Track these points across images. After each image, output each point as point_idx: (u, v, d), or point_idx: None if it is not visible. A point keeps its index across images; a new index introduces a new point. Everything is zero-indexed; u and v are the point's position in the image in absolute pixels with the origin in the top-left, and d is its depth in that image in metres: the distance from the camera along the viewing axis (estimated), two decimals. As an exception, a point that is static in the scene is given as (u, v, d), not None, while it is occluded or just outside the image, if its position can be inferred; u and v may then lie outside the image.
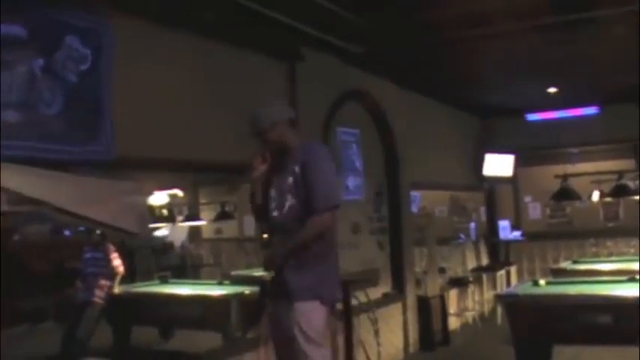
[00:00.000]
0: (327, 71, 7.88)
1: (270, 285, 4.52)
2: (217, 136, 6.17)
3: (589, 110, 12.56)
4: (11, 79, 4.65)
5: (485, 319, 11.74)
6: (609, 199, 12.17)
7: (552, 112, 12.87)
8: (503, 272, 12.53)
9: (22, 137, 4.67)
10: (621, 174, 10.83)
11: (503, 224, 13.41)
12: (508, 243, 13.49)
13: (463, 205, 13.01)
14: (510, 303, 6.87)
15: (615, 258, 11.20)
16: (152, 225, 11.00)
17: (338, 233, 7.91)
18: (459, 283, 11.57)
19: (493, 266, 12.86)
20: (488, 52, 8.81)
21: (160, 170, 5.62)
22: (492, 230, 13.73)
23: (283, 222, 4.47)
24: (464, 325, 11.44)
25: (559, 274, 9.16)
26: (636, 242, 11.67)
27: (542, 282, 7.58)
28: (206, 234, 13.79)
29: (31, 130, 4.73)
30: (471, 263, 12.70)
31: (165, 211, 12.52)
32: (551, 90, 11.25)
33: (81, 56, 5.11)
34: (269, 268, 4.52)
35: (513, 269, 13.14)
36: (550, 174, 12.33)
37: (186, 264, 13.34)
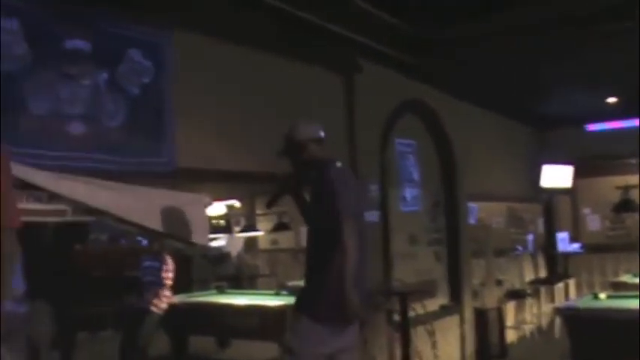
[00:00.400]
0: (385, 82, 7.88)
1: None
2: (274, 146, 6.20)
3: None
4: (76, 93, 4.76)
5: (542, 333, 11.56)
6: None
7: (612, 122, 12.67)
8: (561, 285, 12.32)
9: (86, 149, 4.79)
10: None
11: (561, 236, 13.22)
12: (567, 255, 13.28)
13: (520, 217, 12.86)
14: (570, 316, 6.78)
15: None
16: (210, 235, 11.10)
17: (396, 244, 8.02)
18: (517, 296, 11.42)
19: (551, 279, 12.67)
20: (545, 63, 8.71)
21: (219, 181, 5.66)
22: (550, 242, 13.52)
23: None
24: (521, 339, 11.28)
25: (619, 288, 8.99)
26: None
27: (602, 295, 7.46)
28: (262, 244, 13.88)
29: (95, 142, 4.85)
30: (529, 275, 12.53)
31: (222, 222, 12.63)
32: (610, 100, 11.09)
33: (143, 69, 5.22)
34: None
35: (572, 282, 12.90)
36: (609, 185, 12.12)
37: (242, 274, 13.42)
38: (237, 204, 12.74)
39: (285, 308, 7.55)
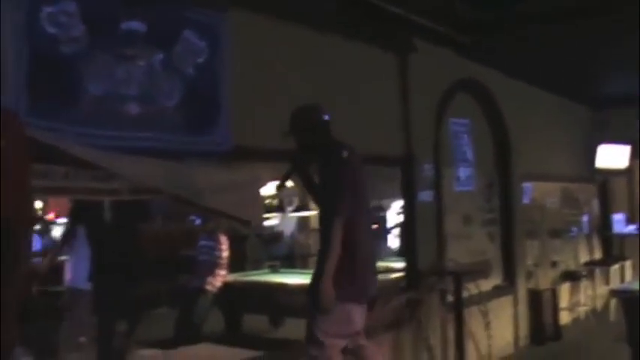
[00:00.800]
0: (439, 62, 7.83)
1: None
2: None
3: None
4: (132, 73, 4.80)
5: (597, 315, 11.44)
6: None
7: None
8: (617, 267, 12.18)
9: (142, 129, 4.83)
10: None
11: (617, 217, 13.02)
12: (623, 237, 13.07)
13: (575, 197, 12.68)
14: (627, 299, 6.69)
15: None
16: (264, 215, 11.17)
17: (450, 224, 7.99)
18: (571, 277, 11.32)
19: (607, 260, 12.52)
20: (605, 42, 8.54)
21: (273, 161, 5.68)
22: (606, 223, 13.34)
23: None
24: (575, 320, 11.19)
25: (677, 270, 8.87)
26: None
27: (660, 277, 7.35)
28: (314, 224, 13.89)
29: (151, 122, 4.88)
30: (584, 257, 12.38)
31: (275, 202, 12.69)
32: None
33: (198, 49, 5.24)
34: None
35: (628, 264, 12.71)
36: (668, 165, 11.90)
37: (294, 253, 13.49)
38: (290, 183, 12.78)
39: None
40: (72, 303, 7.64)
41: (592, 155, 12.68)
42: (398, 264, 8.61)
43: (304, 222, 14.06)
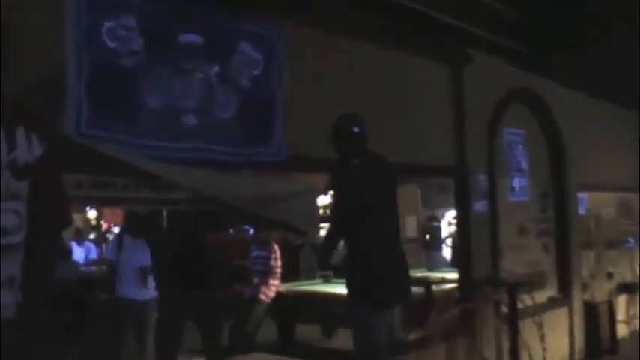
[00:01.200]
0: (493, 71, 7.79)
1: None
2: (383, 138, 6.22)
3: None
4: (189, 86, 4.87)
5: (655, 328, 11.24)
6: None
7: None
8: (675, 279, 11.94)
9: (199, 140, 4.90)
10: None
11: (676, 228, 12.76)
12: (680, 247, 12.80)
13: (631, 208, 12.48)
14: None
15: None
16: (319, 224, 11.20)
17: (504, 234, 7.93)
18: (628, 289, 11.12)
19: (665, 272, 12.28)
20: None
21: (327, 171, 5.71)
22: (664, 234, 13.08)
23: None
24: (632, 334, 10.98)
25: None
26: None
27: None
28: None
29: (208, 133, 4.96)
30: (640, 268, 12.17)
31: (329, 212, 12.69)
32: None
33: (253, 61, 5.30)
34: None
35: (686, 275, 12.47)
36: None
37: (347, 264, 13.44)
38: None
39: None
40: (119, 312, 7.75)
41: (649, 165, 12.46)
42: (452, 274, 8.57)
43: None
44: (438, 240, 13.97)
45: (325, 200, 11.71)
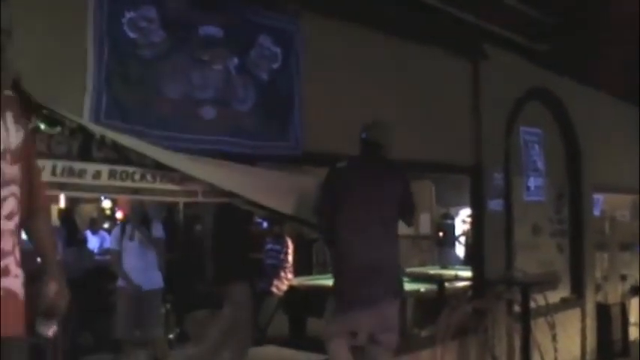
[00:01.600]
0: (510, 69, 7.76)
1: None
2: (400, 134, 6.22)
3: None
4: (208, 77, 4.89)
5: (668, 331, 11.17)
6: None
7: None
8: (690, 282, 11.87)
9: (217, 132, 4.92)
10: None
11: (690, 231, 12.68)
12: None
13: (647, 210, 12.42)
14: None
15: None
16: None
17: (518, 233, 7.91)
18: (641, 292, 11.08)
19: (679, 275, 12.20)
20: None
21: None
22: (679, 237, 12.99)
23: None
24: (645, 336, 10.94)
25: None
26: None
27: None
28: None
29: (225, 126, 4.97)
30: (654, 271, 12.10)
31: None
32: None
33: (272, 55, 5.32)
34: None
35: (700, 279, 12.39)
36: None
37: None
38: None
39: (405, 295, 7.57)
40: (124, 301, 7.78)
41: (665, 167, 12.38)
42: (465, 272, 8.56)
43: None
44: (452, 237, 13.95)
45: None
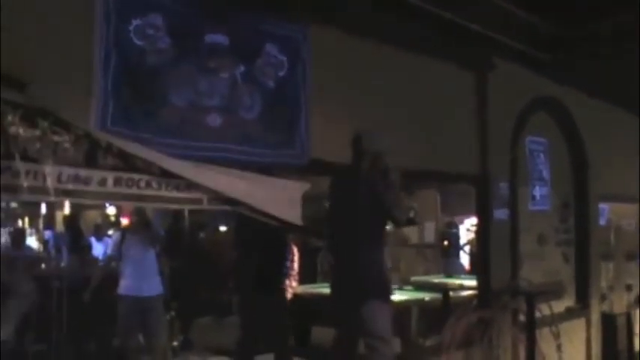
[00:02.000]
0: (517, 79, 7.76)
1: None
2: (406, 143, 6.22)
3: None
4: (214, 85, 4.90)
5: (673, 342, 11.11)
6: None
7: None
8: (694, 293, 11.82)
9: (223, 140, 4.93)
10: None
11: (696, 241, 12.63)
12: None
13: (654, 220, 12.37)
14: None
15: None
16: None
17: (524, 243, 7.90)
18: (647, 302, 11.04)
19: (684, 286, 12.15)
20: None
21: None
22: (684, 247, 12.94)
23: None
24: (650, 347, 10.89)
25: None
26: None
27: None
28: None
29: (232, 134, 4.98)
30: (660, 281, 12.05)
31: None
32: None
33: (278, 63, 5.32)
34: None
35: None
36: None
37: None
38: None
39: (409, 303, 7.57)
40: (122, 309, 7.78)
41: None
42: (470, 281, 8.54)
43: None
44: (457, 246, 13.90)
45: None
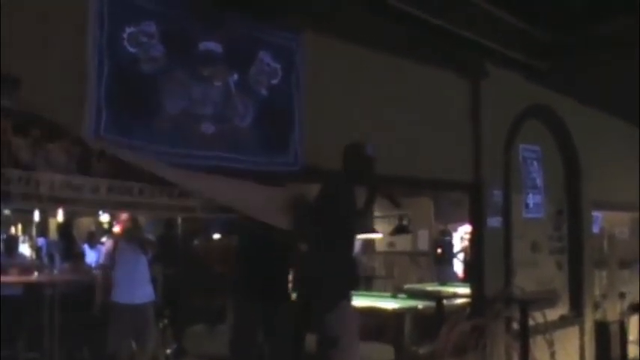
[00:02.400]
0: (510, 87, 7.77)
1: None
2: (400, 150, 6.23)
3: None
4: (208, 93, 4.89)
5: (666, 349, 11.11)
6: None
7: None
8: (688, 300, 11.82)
9: (217, 148, 4.92)
10: None
11: (689, 249, 12.65)
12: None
13: (646, 228, 12.39)
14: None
15: None
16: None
17: (517, 251, 7.90)
18: (640, 310, 11.04)
19: (678, 294, 12.16)
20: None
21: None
22: (680, 256, 12.95)
23: None
24: (644, 355, 10.89)
25: None
26: None
27: None
28: (379, 246, 13.86)
29: (225, 142, 4.97)
30: (653, 289, 12.05)
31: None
32: None
33: (272, 71, 5.33)
34: None
35: (700, 298, 12.34)
36: None
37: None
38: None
39: (403, 311, 7.56)
40: (115, 316, 7.76)
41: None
42: (464, 289, 8.53)
43: (369, 244, 14.02)
44: (450, 254, 13.93)
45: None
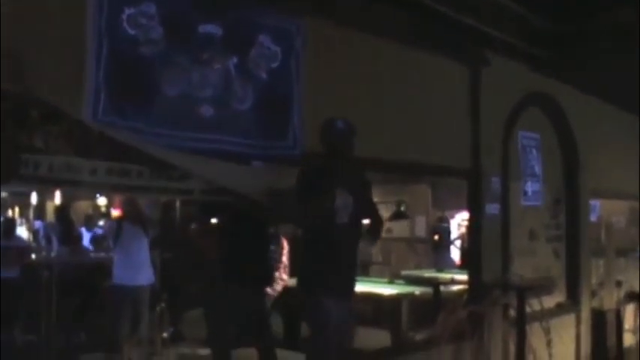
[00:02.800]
0: (510, 75, 7.75)
1: None
2: (399, 137, 6.22)
3: None
4: (207, 76, 4.87)
5: (662, 338, 11.14)
6: None
7: None
8: (684, 289, 11.84)
9: (215, 131, 4.90)
10: None
11: (686, 238, 12.67)
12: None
13: (642, 216, 12.40)
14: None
15: None
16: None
17: (515, 238, 7.89)
18: (636, 298, 11.04)
19: (674, 282, 12.18)
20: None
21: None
22: (675, 244, 12.97)
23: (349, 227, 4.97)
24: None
25: None
26: None
27: None
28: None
29: (224, 125, 4.96)
30: (650, 278, 12.08)
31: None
32: None
33: (272, 54, 5.30)
34: None
35: (696, 287, 12.36)
36: None
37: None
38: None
39: (400, 297, 7.58)
40: (116, 298, 7.77)
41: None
42: (461, 276, 8.54)
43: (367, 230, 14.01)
44: (447, 241, 13.94)
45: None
